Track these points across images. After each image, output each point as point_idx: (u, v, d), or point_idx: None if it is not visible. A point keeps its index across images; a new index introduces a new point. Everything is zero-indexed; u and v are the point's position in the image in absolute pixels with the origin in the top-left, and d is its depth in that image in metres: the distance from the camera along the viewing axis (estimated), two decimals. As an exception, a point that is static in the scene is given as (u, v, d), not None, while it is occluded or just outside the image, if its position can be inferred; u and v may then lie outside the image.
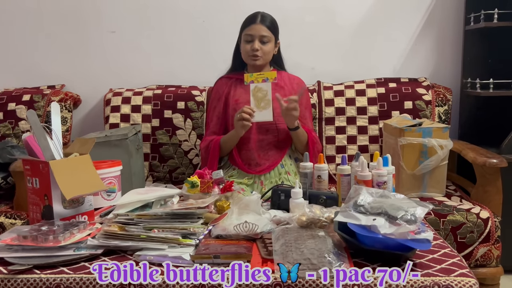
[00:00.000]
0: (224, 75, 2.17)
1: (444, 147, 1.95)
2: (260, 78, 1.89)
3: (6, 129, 2.44)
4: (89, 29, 2.65)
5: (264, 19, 2.01)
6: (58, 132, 1.47)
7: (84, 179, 1.42)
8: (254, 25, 2.00)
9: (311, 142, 2.01)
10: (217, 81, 2.19)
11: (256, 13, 2.04)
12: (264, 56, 2.01)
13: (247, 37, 2.01)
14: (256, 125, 1.98)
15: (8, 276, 1.13)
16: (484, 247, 1.86)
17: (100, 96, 2.63)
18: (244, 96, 2.03)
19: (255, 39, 1.99)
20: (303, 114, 2.09)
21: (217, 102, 2.13)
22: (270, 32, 2.01)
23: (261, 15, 2.03)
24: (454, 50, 2.60)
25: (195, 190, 1.55)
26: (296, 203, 1.42)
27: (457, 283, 1.05)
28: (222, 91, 2.12)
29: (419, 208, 1.18)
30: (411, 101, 2.39)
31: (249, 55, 2.01)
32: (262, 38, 1.99)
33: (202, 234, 1.28)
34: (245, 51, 2.02)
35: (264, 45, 2.00)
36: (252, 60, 2.01)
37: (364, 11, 2.60)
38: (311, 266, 1.08)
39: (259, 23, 2.00)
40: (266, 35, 1.99)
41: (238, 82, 2.09)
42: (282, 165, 2.03)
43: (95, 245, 1.24)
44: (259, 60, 2.01)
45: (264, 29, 1.99)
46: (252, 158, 2.01)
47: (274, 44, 2.06)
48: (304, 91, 2.10)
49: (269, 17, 2.05)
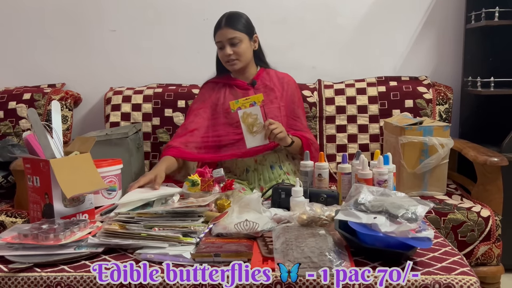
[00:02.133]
0: (211, 79, 2.09)
1: (445, 146, 1.95)
2: (247, 103, 1.78)
3: (7, 128, 2.44)
4: (89, 28, 2.65)
5: (228, 21, 1.91)
6: (59, 130, 1.47)
7: (85, 178, 1.42)
8: (220, 31, 1.91)
9: (306, 146, 1.95)
10: (204, 85, 2.10)
11: (221, 17, 1.95)
12: (240, 58, 1.92)
13: (218, 44, 1.94)
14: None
15: (9, 274, 1.13)
16: (485, 246, 1.86)
17: (100, 95, 2.63)
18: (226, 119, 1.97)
19: (225, 44, 1.91)
20: (296, 113, 2.05)
21: (201, 104, 2.03)
22: (238, 32, 1.90)
23: (226, 18, 1.93)
24: (455, 49, 2.60)
25: (195, 188, 1.55)
26: (296, 202, 1.42)
27: (457, 282, 1.05)
28: (209, 95, 2.04)
29: (420, 206, 1.18)
30: (412, 99, 2.39)
31: (225, 61, 1.94)
32: (231, 41, 1.90)
33: (202, 232, 1.28)
34: (221, 58, 1.96)
35: (235, 47, 1.90)
36: (229, 65, 1.94)
37: (365, 9, 2.60)
38: (312, 264, 1.08)
39: (224, 27, 1.90)
40: (234, 36, 1.89)
41: (227, 87, 2.02)
42: (280, 167, 2.00)
43: (96, 243, 1.24)
44: (237, 64, 1.93)
45: (230, 32, 1.89)
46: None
47: (250, 41, 1.96)
48: (294, 87, 2.07)
49: (235, 16, 1.94)
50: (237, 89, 2.01)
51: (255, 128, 1.80)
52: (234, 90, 2.01)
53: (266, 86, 2.00)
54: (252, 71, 2.02)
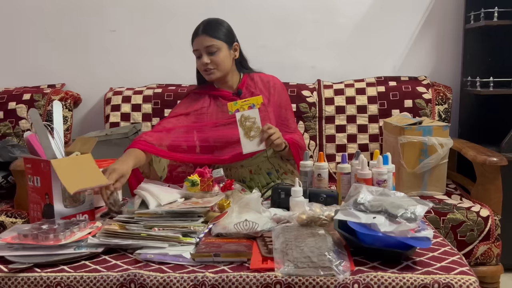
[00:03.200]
0: (194, 90, 1.99)
1: (444, 146, 1.96)
2: (246, 105, 1.69)
3: (7, 128, 2.44)
4: (89, 28, 2.65)
5: (206, 28, 1.81)
6: (60, 130, 1.47)
7: (87, 175, 1.41)
8: (197, 38, 1.81)
9: (294, 148, 1.85)
10: (187, 96, 1.99)
11: (200, 24, 1.85)
12: (218, 67, 1.82)
13: (195, 53, 1.84)
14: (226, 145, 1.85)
15: (9, 274, 1.13)
16: (484, 246, 1.86)
17: (100, 95, 2.63)
18: (221, 117, 1.88)
19: (203, 53, 1.81)
20: (284, 116, 1.96)
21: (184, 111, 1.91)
22: (216, 40, 1.80)
23: (204, 25, 1.83)
24: (454, 49, 2.60)
25: (195, 188, 1.54)
26: (296, 202, 1.42)
27: (457, 281, 1.05)
28: (191, 105, 1.92)
29: (419, 206, 1.18)
30: (411, 99, 2.39)
31: (202, 70, 1.85)
32: (209, 49, 1.80)
33: (202, 232, 1.28)
34: (198, 67, 1.87)
35: (213, 55, 1.80)
36: (207, 74, 1.84)
37: (364, 9, 2.60)
38: (311, 264, 1.08)
39: (201, 34, 1.80)
40: (212, 44, 1.79)
41: (211, 98, 1.92)
42: (277, 171, 1.98)
43: (96, 243, 1.24)
44: (214, 73, 1.83)
45: (207, 40, 1.79)
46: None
47: (230, 50, 1.85)
48: (281, 89, 1.97)
49: (213, 23, 1.84)
50: (222, 100, 1.90)
51: (253, 132, 1.72)
52: (219, 101, 1.91)
53: (252, 93, 1.89)
54: (235, 79, 1.93)
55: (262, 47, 2.54)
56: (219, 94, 1.92)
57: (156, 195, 1.44)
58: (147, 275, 1.11)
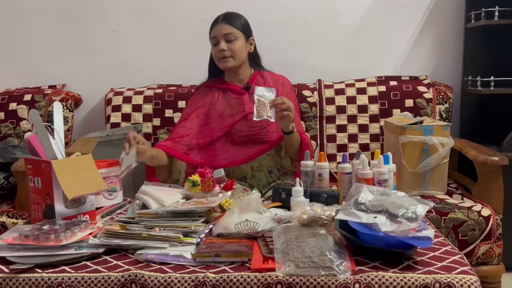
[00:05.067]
0: (203, 83, 2.04)
1: (445, 145, 1.95)
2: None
3: (8, 129, 2.44)
4: (90, 29, 2.65)
5: (226, 17, 1.89)
6: (60, 131, 1.47)
7: (86, 179, 1.42)
8: (216, 26, 1.88)
9: (305, 146, 1.84)
10: (196, 90, 2.05)
11: (220, 14, 1.92)
12: (234, 55, 1.87)
13: (213, 40, 1.89)
14: (244, 140, 1.89)
15: (10, 275, 1.13)
16: (486, 245, 1.86)
17: (101, 96, 2.63)
18: (228, 110, 1.92)
19: (220, 40, 1.86)
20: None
21: (193, 109, 1.97)
22: (235, 28, 1.86)
23: (224, 15, 1.91)
24: (455, 48, 2.60)
25: (196, 189, 1.55)
26: (297, 202, 1.42)
27: (458, 281, 1.05)
28: (202, 99, 1.98)
29: (420, 205, 1.18)
30: (412, 99, 2.39)
31: (218, 57, 1.88)
32: (227, 37, 1.85)
33: (203, 232, 1.28)
34: (214, 55, 1.90)
35: (230, 43, 1.86)
36: (222, 62, 1.88)
37: (364, 9, 2.60)
38: (312, 264, 1.08)
39: (221, 22, 1.87)
40: (230, 32, 1.85)
41: (220, 92, 1.97)
42: (279, 170, 1.96)
43: (97, 244, 1.24)
44: (230, 61, 1.87)
45: (226, 27, 1.86)
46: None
47: (246, 42, 1.92)
48: (290, 89, 2.00)
49: (234, 14, 1.92)
50: (231, 94, 1.94)
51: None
52: (227, 94, 1.95)
53: None
54: (246, 73, 1.97)
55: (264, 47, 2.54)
56: (228, 88, 1.96)
57: (159, 198, 1.45)
58: (148, 276, 1.11)
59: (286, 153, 1.94)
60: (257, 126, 1.87)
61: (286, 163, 1.98)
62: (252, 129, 1.89)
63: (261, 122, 1.78)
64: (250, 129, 1.89)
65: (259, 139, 1.89)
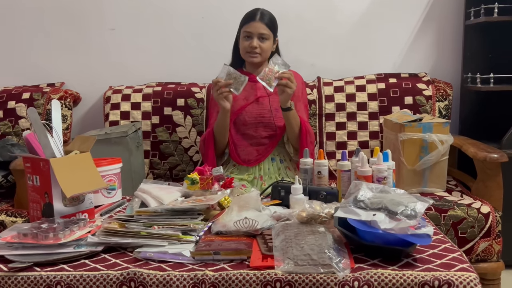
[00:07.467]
0: None
1: (445, 142, 1.95)
2: None
3: (6, 127, 2.44)
4: (88, 27, 2.65)
5: (263, 17, 2.02)
6: (59, 129, 1.47)
7: (85, 177, 1.42)
8: (253, 23, 2.00)
9: (304, 132, 1.98)
10: None
11: (256, 10, 2.05)
12: (262, 53, 2.02)
13: (246, 34, 2.01)
14: (254, 121, 2.02)
15: (9, 273, 1.13)
16: (485, 242, 1.86)
17: (99, 94, 2.63)
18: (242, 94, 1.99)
19: (254, 37, 2.00)
20: (296, 106, 2.06)
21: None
22: (269, 29, 2.01)
23: (261, 13, 2.03)
24: (454, 45, 2.59)
25: (195, 187, 1.54)
26: (296, 199, 1.42)
27: (457, 278, 1.05)
28: None
29: (419, 203, 1.18)
30: (411, 96, 2.38)
31: (247, 52, 2.02)
32: (261, 36, 2.00)
33: (202, 230, 1.28)
34: (244, 48, 2.03)
35: (262, 42, 2.01)
36: (250, 57, 2.03)
37: (364, 6, 2.59)
38: (311, 262, 1.08)
39: (258, 20, 2.00)
40: (265, 32, 2.00)
41: None
42: (281, 160, 2.03)
43: (95, 242, 1.24)
44: (257, 58, 2.02)
45: (263, 27, 2.00)
46: (251, 154, 2.03)
47: (273, 41, 2.07)
48: (300, 83, 2.10)
49: (269, 14, 2.05)
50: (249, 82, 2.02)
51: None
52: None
53: None
54: (264, 67, 2.03)
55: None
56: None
57: (157, 196, 1.44)
58: (147, 274, 1.11)
59: (288, 139, 2.05)
60: (266, 109, 2.03)
61: (289, 150, 2.07)
62: (263, 112, 2.04)
63: (271, 107, 2.00)
64: (261, 111, 2.04)
65: (269, 122, 2.03)
